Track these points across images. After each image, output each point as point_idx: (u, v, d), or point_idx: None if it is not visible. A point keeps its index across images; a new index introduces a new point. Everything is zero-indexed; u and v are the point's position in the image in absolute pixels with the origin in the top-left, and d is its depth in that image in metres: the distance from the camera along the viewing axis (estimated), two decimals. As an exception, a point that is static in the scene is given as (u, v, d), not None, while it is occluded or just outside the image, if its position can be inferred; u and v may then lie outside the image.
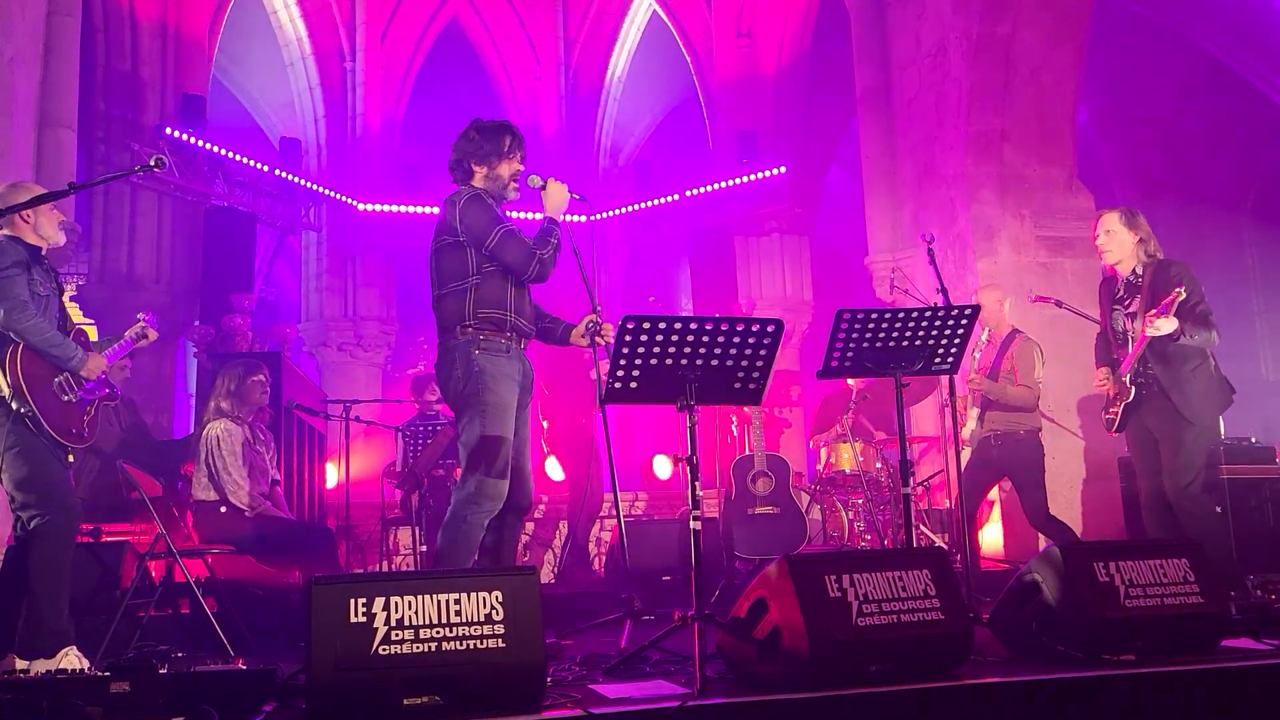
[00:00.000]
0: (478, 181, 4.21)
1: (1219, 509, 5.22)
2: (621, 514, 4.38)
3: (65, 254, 7.34)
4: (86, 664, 3.77)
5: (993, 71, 7.91)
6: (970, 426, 6.19)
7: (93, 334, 4.60)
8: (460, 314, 4.06)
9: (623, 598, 3.97)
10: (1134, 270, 4.85)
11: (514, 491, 4.15)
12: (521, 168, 4.24)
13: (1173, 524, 4.67)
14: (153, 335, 4.51)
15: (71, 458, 4.00)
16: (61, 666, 3.65)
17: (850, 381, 7.87)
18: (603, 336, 4.11)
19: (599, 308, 4.22)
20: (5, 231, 3.96)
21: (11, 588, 3.88)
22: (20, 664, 3.73)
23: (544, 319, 4.34)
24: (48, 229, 4.04)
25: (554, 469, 7.74)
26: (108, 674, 3.00)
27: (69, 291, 4.32)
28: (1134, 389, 4.75)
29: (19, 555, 3.90)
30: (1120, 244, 4.85)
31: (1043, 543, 6.68)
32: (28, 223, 3.97)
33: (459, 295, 4.07)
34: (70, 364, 3.93)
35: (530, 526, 8.09)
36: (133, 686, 2.95)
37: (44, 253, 4.08)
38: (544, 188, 4.22)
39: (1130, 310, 4.82)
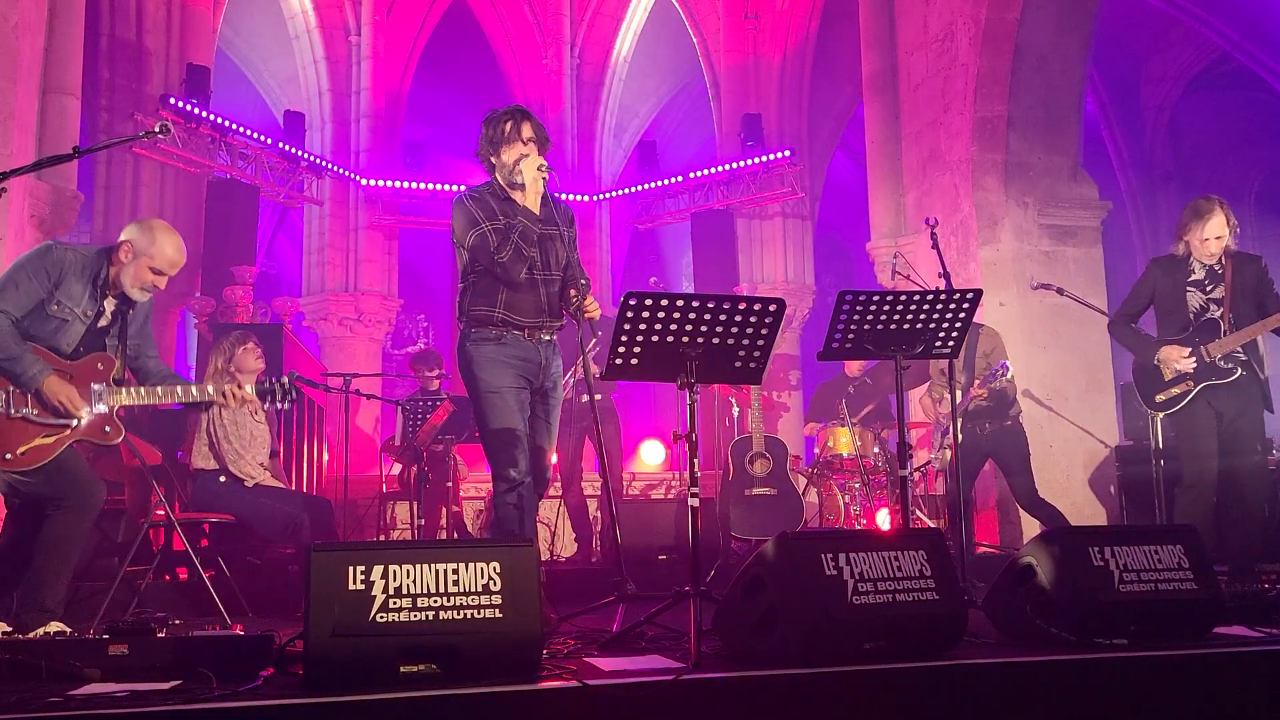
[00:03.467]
0: (496, 174, 4.19)
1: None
2: (611, 495, 4.37)
3: (68, 223, 7.34)
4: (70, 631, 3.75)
5: (1000, 58, 7.89)
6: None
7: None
8: (460, 308, 4.17)
9: (615, 580, 3.96)
10: (1219, 259, 4.94)
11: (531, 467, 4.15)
12: (527, 149, 4.13)
13: (1209, 509, 4.81)
14: (236, 398, 4.00)
15: None
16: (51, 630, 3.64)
17: (848, 370, 7.90)
18: (584, 312, 4.08)
19: (585, 281, 4.20)
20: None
21: (15, 554, 3.87)
22: (2, 627, 3.74)
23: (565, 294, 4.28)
24: (127, 277, 3.83)
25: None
26: (106, 636, 3.02)
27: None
28: (1238, 369, 4.83)
29: (24, 523, 3.87)
30: (1225, 241, 4.96)
31: (1027, 529, 6.71)
32: (123, 260, 3.82)
33: (461, 292, 4.19)
34: (19, 380, 3.64)
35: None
36: (131, 649, 2.96)
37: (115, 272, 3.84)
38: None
39: (1214, 296, 4.92)
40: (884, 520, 7.05)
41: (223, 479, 5.19)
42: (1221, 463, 4.82)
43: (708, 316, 3.35)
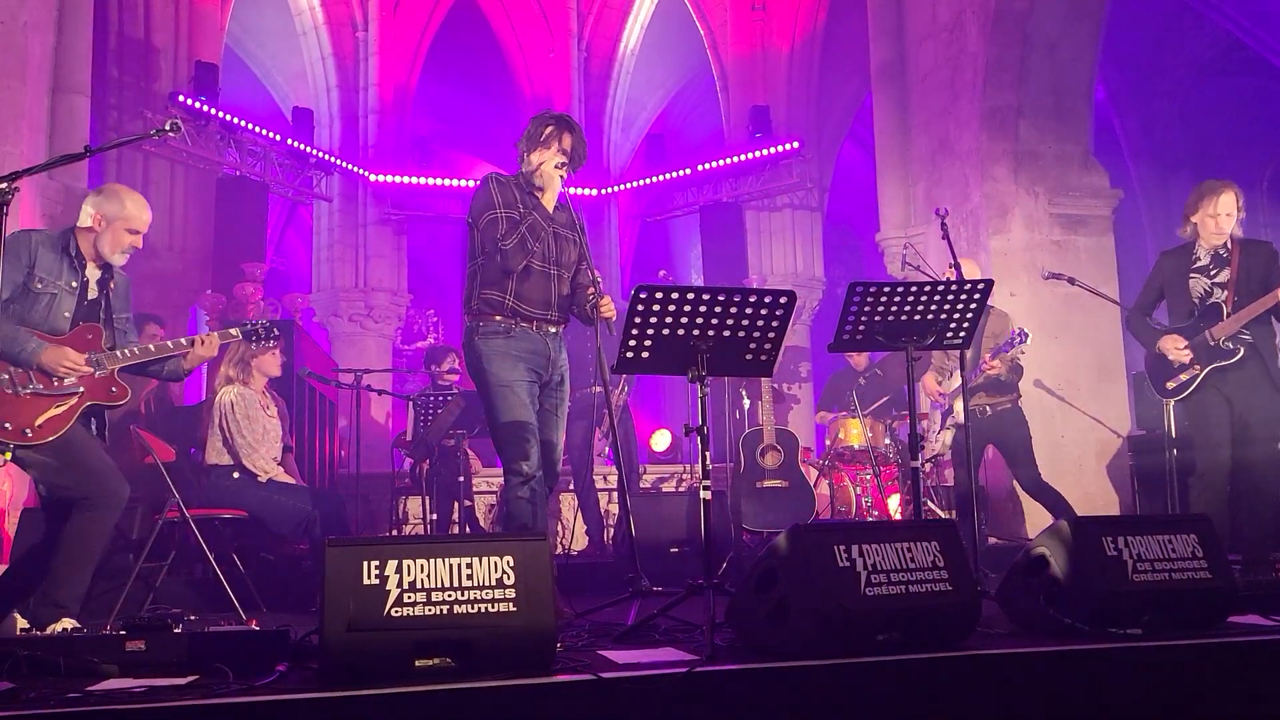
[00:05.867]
0: (523, 169, 4.22)
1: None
2: (625, 491, 4.39)
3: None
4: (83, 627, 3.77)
5: (1009, 46, 7.85)
6: (958, 409, 6.21)
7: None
8: (468, 294, 4.19)
9: (629, 576, 3.98)
10: (1225, 244, 4.93)
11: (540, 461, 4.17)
12: (558, 157, 4.15)
13: (1224, 498, 4.80)
14: (206, 343, 4.12)
15: (8, 455, 3.71)
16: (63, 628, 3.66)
17: (854, 363, 7.89)
18: (600, 311, 4.10)
19: (598, 280, 4.23)
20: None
21: (35, 551, 3.92)
22: (21, 623, 3.77)
23: (575, 297, 4.30)
24: (106, 245, 3.94)
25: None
26: (123, 633, 3.04)
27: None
28: (1241, 348, 4.81)
29: (53, 519, 3.90)
30: (1234, 220, 4.93)
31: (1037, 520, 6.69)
32: (98, 230, 3.93)
33: (470, 276, 4.20)
34: (19, 358, 3.72)
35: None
36: (148, 645, 2.98)
37: (86, 244, 3.95)
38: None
39: (1218, 280, 4.91)
40: (895, 506, 7.05)
41: (236, 475, 5.22)
42: (1235, 451, 4.80)
43: (718, 309, 3.36)
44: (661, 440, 10.35)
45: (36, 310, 3.84)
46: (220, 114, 9.87)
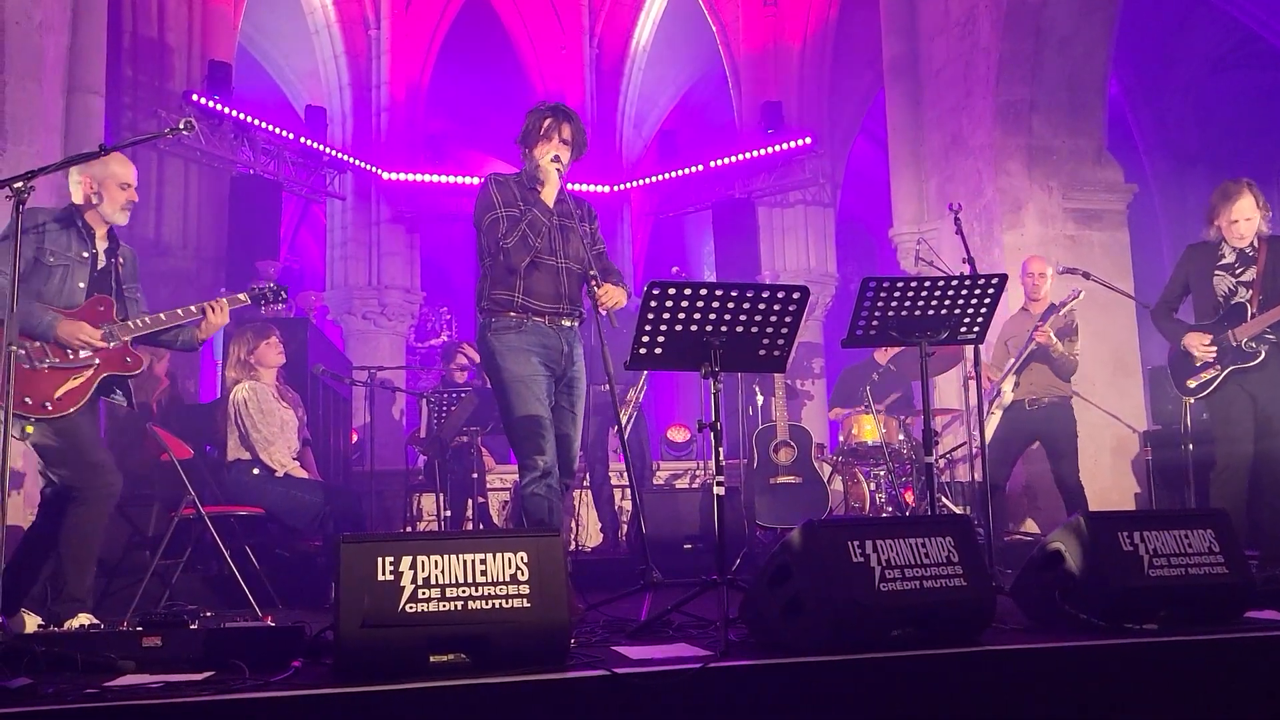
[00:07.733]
0: (526, 165, 4.22)
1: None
2: (635, 486, 4.39)
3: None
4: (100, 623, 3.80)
5: (1022, 41, 7.82)
6: (1006, 391, 6.22)
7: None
8: (480, 294, 4.19)
9: (640, 569, 3.98)
10: (1251, 243, 4.88)
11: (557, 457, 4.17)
12: (558, 149, 4.13)
13: (1243, 493, 4.76)
14: (216, 309, 4.17)
15: (30, 428, 3.76)
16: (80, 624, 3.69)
17: (877, 356, 7.87)
18: (601, 302, 4.08)
19: (594, 273, 4.22)
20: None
21: (40, 546, 3.95)
22: (32, 620, 3.80)
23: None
24: (107, 207, 4.01)
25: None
26: (139, 629, 3.06)
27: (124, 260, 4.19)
28: (1263, 350, 4.77)
29: (51, 514, 3.96)
30: (1255, 223, 4.88)
31: (1056, 516, 6.67)
32: (91, 193, 3.98)
33: (481, 277, 4.21)
34: (35, 332, 3.77)
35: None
36: (164, 641, 3.00)
37: (91, 216, 4.02)
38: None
39: (1243, 279, 4.87)
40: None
41: (256, 470, 5.24)
42: (1258, 446, 4.76)
43: (731, 305, 3.36)
44: (679, 431, 10.40)
45: (51, 284, 3.90)
46: (234, 113, 9.91)
